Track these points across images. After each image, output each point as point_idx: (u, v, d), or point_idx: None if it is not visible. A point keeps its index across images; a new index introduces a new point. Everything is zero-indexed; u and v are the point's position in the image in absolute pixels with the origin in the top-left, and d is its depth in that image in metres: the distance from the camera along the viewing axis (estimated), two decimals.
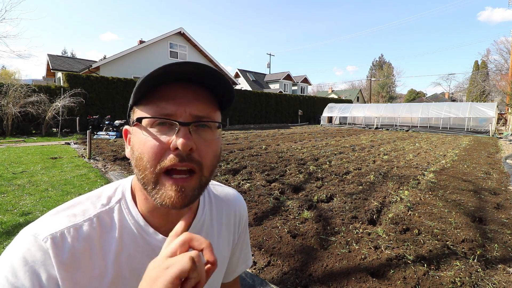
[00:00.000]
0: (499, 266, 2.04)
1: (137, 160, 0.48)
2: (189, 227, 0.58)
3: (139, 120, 0.47)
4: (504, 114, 18.80)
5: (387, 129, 17.21)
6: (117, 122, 10.52)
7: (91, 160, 5.64)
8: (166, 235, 0.54)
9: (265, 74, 36.76)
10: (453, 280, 1.83)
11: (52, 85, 11.29)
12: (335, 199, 3.47)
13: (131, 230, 0.52)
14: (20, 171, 4.60)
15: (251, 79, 33.20)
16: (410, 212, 3.05)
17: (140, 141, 0.48)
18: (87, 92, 11.44)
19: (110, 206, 0.53)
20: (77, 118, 10.88)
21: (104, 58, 19.91)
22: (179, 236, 0.40)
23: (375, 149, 7.97)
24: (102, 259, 0.49)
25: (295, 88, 35.37)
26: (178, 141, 0.45)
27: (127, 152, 0.54)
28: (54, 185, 3.85)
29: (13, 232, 2.44)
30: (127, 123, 0.55)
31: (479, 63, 42.16)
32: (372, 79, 54.74)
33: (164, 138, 0.46)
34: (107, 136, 9.74)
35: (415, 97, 56.13)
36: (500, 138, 12.50)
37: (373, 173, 4.78)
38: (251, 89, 25.84)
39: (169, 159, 0.46)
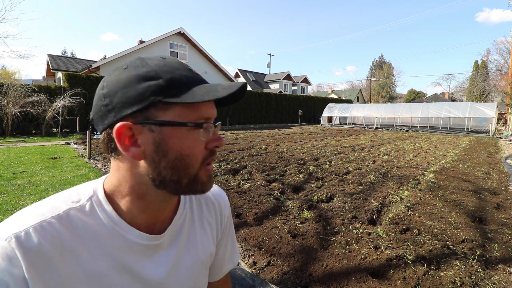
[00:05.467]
0: (499, 266, 2.04)
1: (175, 161, 0.48)
2: (171, 223, 0.58)
3: (200, 125, 0.49)
4: (504, 114, 18.80)
5: (387, 129, 17.20)
6: None
7: (91, 160, 5.64)
8: (148, 231, 0.54)
9: (265, 74, 36.74)
10: (453, 280, 1.84)
11: (52, 85, 11.29)
12: (335, 199, 3.47)
13: (105, 226, 0.50)
14: (20, 171, 4.60)
15: (251, 79, 33.18)
16: (410, 212, 3.05)
17: (180, 142, 0.48)
18: (87, 92, 11.42)
19: (81, 203, 0.51)
20: (77, 118, 10.87)
21: (104, 58, 19.93)
22: None
23: (375, 149, 7.97)
24: (74, 256, 0.47)
25: (295, 88, 35.35)
26: (219, 140, 0.52)
27: (138, 153, 0.48)
28: (54, 185, 3.85)
29: None
30: (137, 119, 0.47)
31: (479, 63, 42.16)
32: (372, 79, 54.72)
33: (203, 138, 0.51)
34: None
35: (415, 97, 56.14)
36: (500, 138, 12.50)
37: (373, 173, 4.78)
38: (251, 89, 25.84)
39: (211, 156, 0.53)
